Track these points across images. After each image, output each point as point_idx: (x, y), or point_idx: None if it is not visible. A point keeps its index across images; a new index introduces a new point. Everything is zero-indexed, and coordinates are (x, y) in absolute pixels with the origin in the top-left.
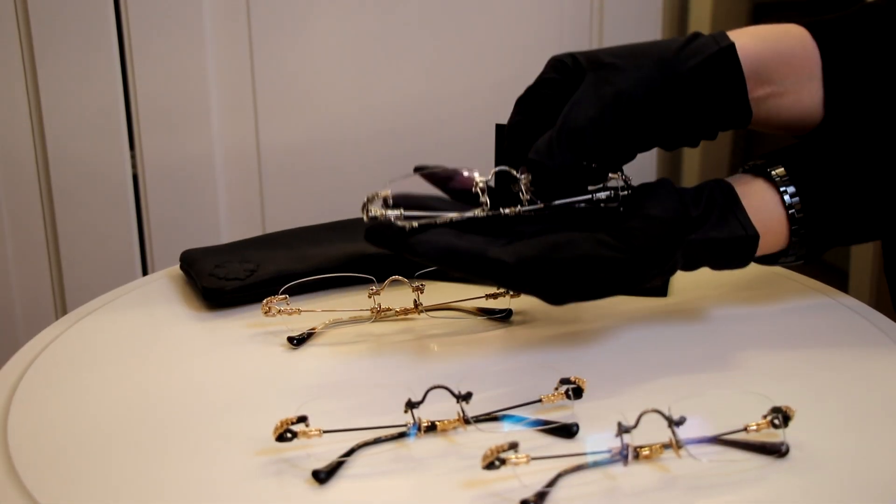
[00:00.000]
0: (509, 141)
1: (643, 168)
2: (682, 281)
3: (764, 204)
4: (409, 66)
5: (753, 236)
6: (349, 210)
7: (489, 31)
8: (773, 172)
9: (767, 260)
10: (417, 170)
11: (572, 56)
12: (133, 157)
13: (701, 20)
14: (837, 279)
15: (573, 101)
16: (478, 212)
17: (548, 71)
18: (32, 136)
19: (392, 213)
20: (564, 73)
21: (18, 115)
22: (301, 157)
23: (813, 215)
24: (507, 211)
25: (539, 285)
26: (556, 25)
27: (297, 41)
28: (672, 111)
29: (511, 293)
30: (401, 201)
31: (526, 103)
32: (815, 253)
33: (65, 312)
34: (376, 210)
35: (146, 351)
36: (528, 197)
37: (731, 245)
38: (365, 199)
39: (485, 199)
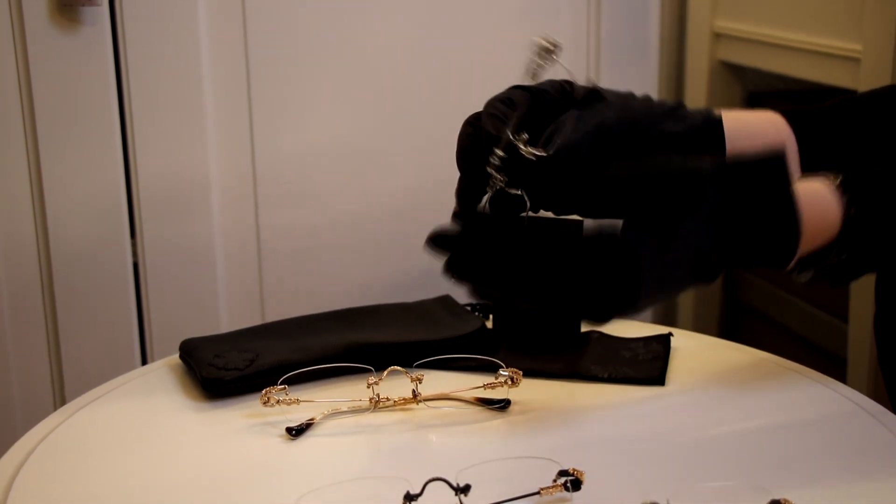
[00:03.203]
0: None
1: None
2: (678, 370)
3: (817, 193)
4: (409, 149)
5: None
6: (349, 296)
7: None
8: (830, 175)
9: (808, 262)
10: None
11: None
12: (133, 244)
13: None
14: (835, 367)
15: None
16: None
17: (551, 86)
18: (34, 222)
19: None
20: (562, 94)
21: (20, 201)
22: (301, 244)
23: (866, 214)
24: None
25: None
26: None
27: (298, 126)
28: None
29: (510, 382)
30: None
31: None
32: (857, 268)
33: (64, 401)
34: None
35: (145, 442)
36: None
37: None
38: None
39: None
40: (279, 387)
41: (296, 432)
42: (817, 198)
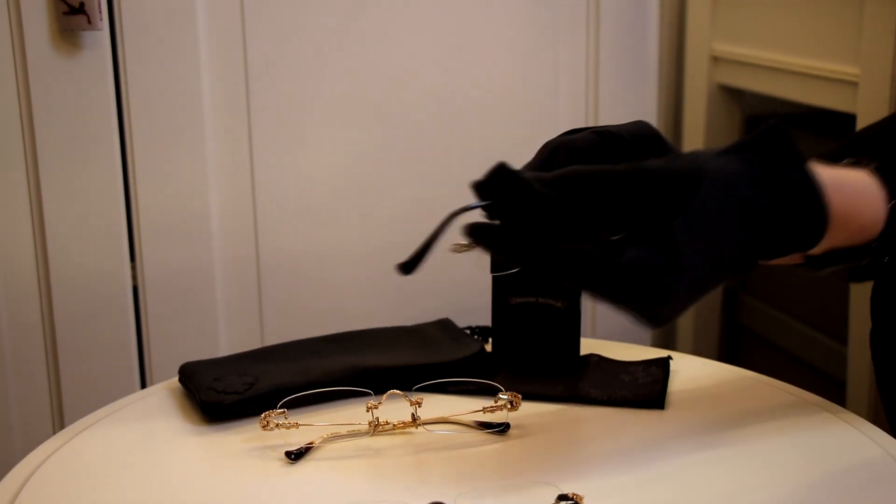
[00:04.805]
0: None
1: None
2: (678, 394)
3: (860, 177)
4: (409, 176)
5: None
6: (348, 321)
7: (487, 146)
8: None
9: (844, 256)
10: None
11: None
12: (133, 268)
13: (695, 129)
14: (835, 390)
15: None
16: None
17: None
18: (34, 246)
19: None
20: (646, 144)
21: (20, 225)
22: (300, 269)
23: None
24: None
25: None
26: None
27: (297, 152)
28: None
29: (509, 405)
30: None
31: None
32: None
33: (63, 425)
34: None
35: (144, 466)
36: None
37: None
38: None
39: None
40: (278, 410)
41: (295, 456)
42: (856, 186)
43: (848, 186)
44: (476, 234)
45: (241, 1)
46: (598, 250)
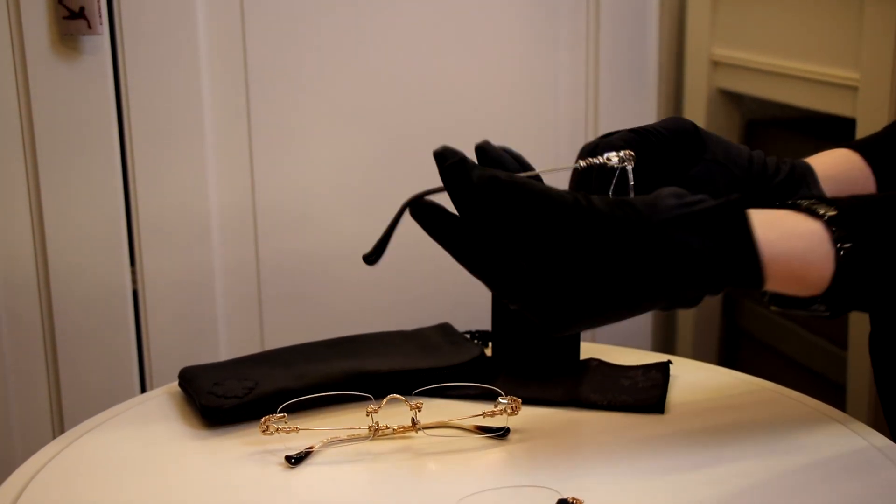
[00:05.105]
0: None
1: None
2: (677, 398)
3: (810, 230)
4: (409, 181)
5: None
6: (348, 325)
7: None
8: (823, 212)
9: (796, 303)
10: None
11: (696, 128)
12: (133, 272)
13: None
14: (835, 395)
15: None
16: None
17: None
18: (34, 251)
19: None
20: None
21: (21, 230)
22: (300, 274)
23: (865, 258)
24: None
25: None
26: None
27: (297, 156)
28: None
29: (509, 410)
30: None
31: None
32: (845, 307)
33: (63, 429)
34: None
35: (144, 470)
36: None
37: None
38: None
39: None
40: (278, 415)
41: (295, 461)
42: (803, 244)
43: (795, 247)
44: (417, 214)
45: (242, 6)
46: (505, 273)
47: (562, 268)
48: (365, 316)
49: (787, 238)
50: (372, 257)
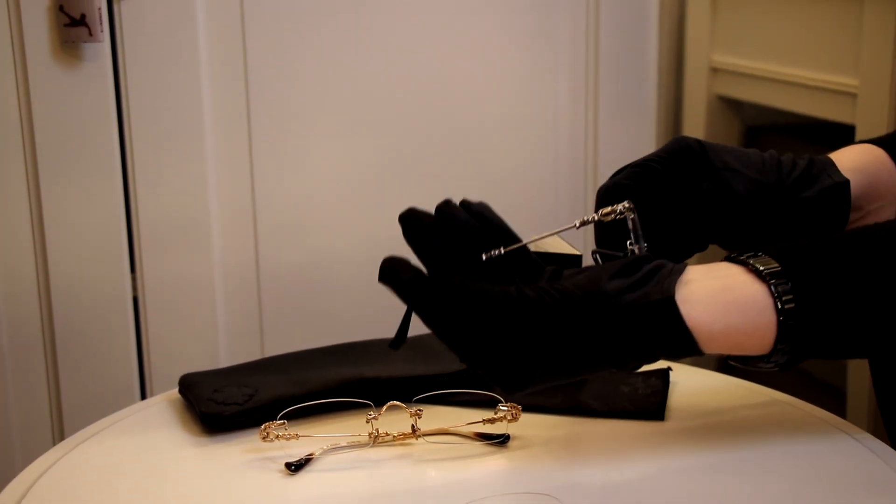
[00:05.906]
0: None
1: None
2: (677, 405)
3: (751, 299)
4: (410, 187)
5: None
6: (349, 332)
7: (487, 157)
8: (764, 267)
9: (743, 361)
10: None
11: (699, 143)
12: (133, 279)
13: None
14: (834, 400)
15: None
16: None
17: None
18: (34, 257)
19: None
20: (686, 156)
21: (21, 236)
22: (300, 280)
23: (808, 320)
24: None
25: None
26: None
27: (298, 163)
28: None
29: (509, 416)
30: None
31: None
32: (796, 361)
33: (63, 436)
34: None
35: (144, 478)
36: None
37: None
38: None
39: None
40: (278, 422)
41: (295, 467)
42: (749, 311)
43: (732, 323)
44: (385, 276)
45: (242, 12)
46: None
47: (497, 348)
48: (365, 322)
49: (725, 313)
50: (396, 343)
